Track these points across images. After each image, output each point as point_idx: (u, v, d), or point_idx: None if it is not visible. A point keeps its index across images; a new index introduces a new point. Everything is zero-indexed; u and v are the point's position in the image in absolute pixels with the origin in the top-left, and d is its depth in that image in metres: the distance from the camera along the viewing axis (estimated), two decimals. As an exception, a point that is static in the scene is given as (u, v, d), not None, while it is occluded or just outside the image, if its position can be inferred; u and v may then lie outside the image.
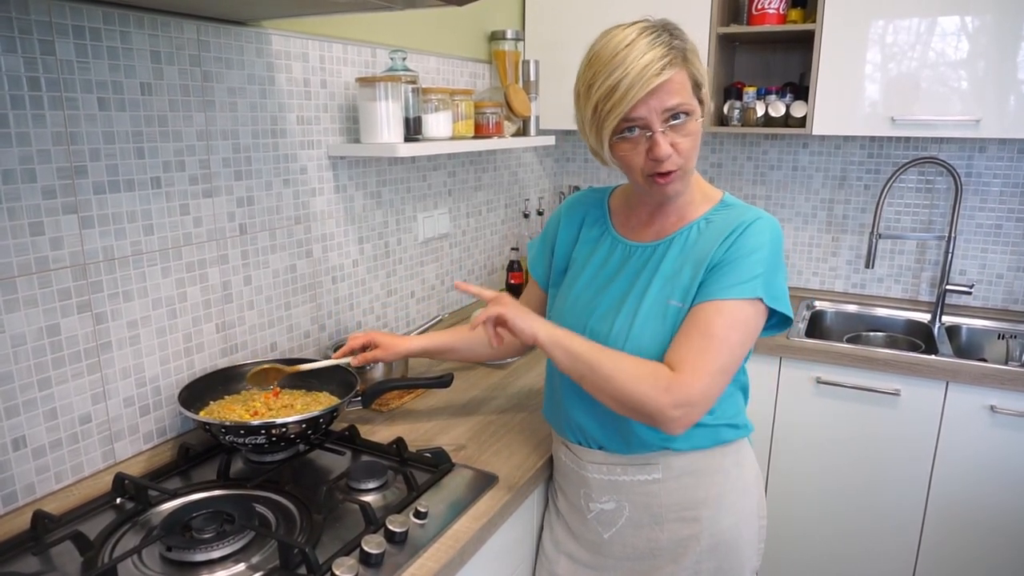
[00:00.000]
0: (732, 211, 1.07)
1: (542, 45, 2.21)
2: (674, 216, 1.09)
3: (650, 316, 1.04)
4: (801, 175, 2.35)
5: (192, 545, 0.94)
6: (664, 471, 1.10)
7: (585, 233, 1.19)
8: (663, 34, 0.97)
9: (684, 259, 1.05)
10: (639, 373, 0.97)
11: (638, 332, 1.04)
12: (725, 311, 0.99)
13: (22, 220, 1.02)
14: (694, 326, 0.99)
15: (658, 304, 1.04)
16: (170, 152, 1.21)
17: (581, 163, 2.67)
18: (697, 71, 1.00)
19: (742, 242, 1.01)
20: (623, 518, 1.14)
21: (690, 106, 0.98)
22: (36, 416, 1.07)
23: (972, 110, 1.82)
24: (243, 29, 1.31)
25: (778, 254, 1.03)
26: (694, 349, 0.98)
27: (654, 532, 1.13)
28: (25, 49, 1.00)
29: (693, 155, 1.01)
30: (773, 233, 1.02)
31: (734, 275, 0.99)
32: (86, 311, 1.11)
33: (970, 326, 2.10)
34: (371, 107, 1.46)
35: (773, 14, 2.03)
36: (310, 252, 1.54)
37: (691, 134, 1.00)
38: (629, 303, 1.06)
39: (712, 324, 0.98)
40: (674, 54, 0.96)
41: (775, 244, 1.02)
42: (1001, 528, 1.77)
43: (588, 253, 1.16)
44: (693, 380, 0.95)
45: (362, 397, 1.30)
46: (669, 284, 1.04)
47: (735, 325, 0.99)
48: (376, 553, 0.93)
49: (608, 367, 0.98)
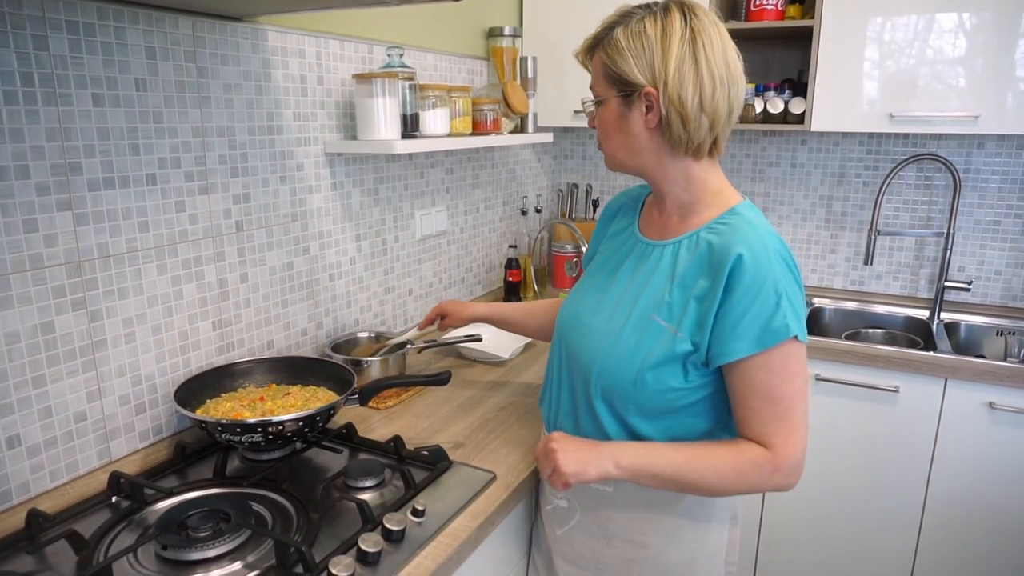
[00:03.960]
0: (729, 229, 0.97)
1: (540, 42, 2.21)
2: (676, 215, 1.04)
3: (636, 327, 1.00)
4: (800, 172, 2.35)
5: (188, 544, 0.94)
6: (616, 486, 1.06)
7: (616, 224, 1.18)
8: (625, 19, 0.98)
9: (675, 275, 1.00)
10: (741, 469, 0.94)
11: (625, 340, 1.00)
12: (773, 368, 0.93)
13: (15, 217, 1.01)
14: (756, 396, 0.94)
15: (644, 316, 1.00)
16: (165, 149, 1.20)
17: (579, 160, 2.66)
18: (611, 60, 0.97)
19: (738, 287, 0.92)
20: (574, 520, 1.12)
21: (597, 93, 1.02)
22: (31, 414, 1.06)
23: (970, 106, 1.81)
24: (239, 25, 1.30)
25: (784, 274, 0.93)
26: (772, 419, 0.94)
27: (600, 545, 1.09)
28: (18, 44, 0.99)
29: (605, 139, 1.03)
30: (769, 259, 0.92)
31: (752, 326, 0.91)
32: (81, 308, 1.11)
33: (969, 323, 2.10)
34: (368, 104, 1.46)
35: (771, 10, 2.02)
36: (307, 249, 1.53)
37: (601, 118, 1.02)
38: (622, 308, 1.03)
39: (772, 388, 0.93)
40: (595, 43, 1.01)
41: (779, 271, 0.93)
42: (1000, 524, 1.77)
43: (610, 247, 1.15)
44: (788, 450, 0.94)
45: (359, 394, 1.29)
46: (657, 297, 1.00)
47: (791, 374, 0.93)
48: (373, 552, 0.93)
49: (709, 476, 0.95)
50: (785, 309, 0.91)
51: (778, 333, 0.91)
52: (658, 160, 1.00)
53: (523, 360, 1.73)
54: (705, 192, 1.02)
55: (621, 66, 0.96)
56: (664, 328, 0.98)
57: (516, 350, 1.73)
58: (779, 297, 0.91)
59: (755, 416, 0.95)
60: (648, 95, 0.95)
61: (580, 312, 1.10)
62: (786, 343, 0.92)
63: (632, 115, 0.98)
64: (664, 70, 0.93)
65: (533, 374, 1.63)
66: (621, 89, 0.97)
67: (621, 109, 0.99)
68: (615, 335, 1.02)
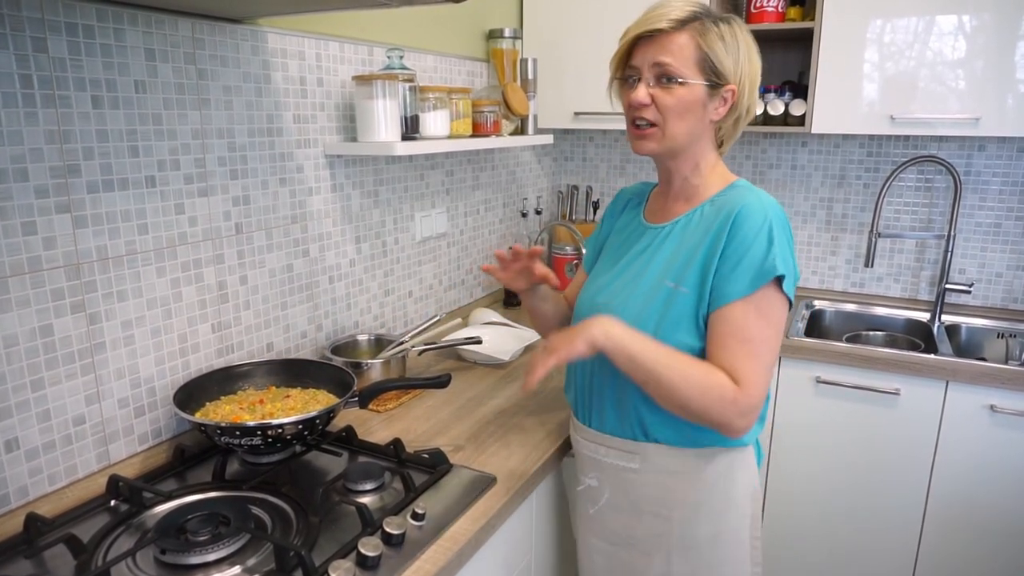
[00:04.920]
0: (732, 194, 1.07)
1: (540, 43, 2.21)
2: (683, 199, 1.13)
3: (643, 295, 1.08)
4: (800, 174, 2.34)
5: (187, 548, 0.93)
6: (642, 462, 1.12)
7: (623, 218, 1.25)
8: (708, 15, 1.04)
9: (682, 242, 1.08)
10: (706, 386, 0.99)
11: (638, 306, 1.07)
12: (753, 312, 1.00)
13: (14, 219, 1.01)
14: (730, 333, 1.00)
15: (655, 284, 1.07)
16: (164, 151, 1.20)
17: (579, 162, 2.66)
18: (711, 49, 1.02)
19: (740, 236, 1.01)
20: (604, 498, 1.18)
21: (681, 72, 1.03)
22: (29, 417, 1.06)
23: (971, 108, 1.81)
24: (238, 27, 1.30)
25: (780, 225, 1.01)
26: (741, 356, 0.99)
27: (631, 520, 1.16)
28: (17, 46, 0.98)
29: (674, 119, 1.05)
30: (766, 212, 1.01)
31: (748, 270, 1.00)
32: (80, 311, 1.10)
33: (969, 325, 2.09)
34: (368, 105, 1.45)
35: (772, 12, 2.02)
36: (307, 252, 1.53)
37: (677, 97, 1.03)
38: (630, 281, 1.12)
39: (747, 327, 1.00)
40: (693, 21, 1.03)
41: (774, 221, 1.01)
42: (1001, 527, 1.77)
43: (619, 238, 1.22)
44: (752, 389, 0.99)
45: (359, 397, 1.29)
46: (667, 265, 1.08)
47: (768, 321, 1.01)
48: (373, 556, 0.92)
49: (676, 379, 0.99)
50: (775, 253, 0.99)
51: (767, 273, 0.99)
52: (700, 147, 1.10)
53: (523, 362, 1.72)
54: (713, 176, 1.12)
55: (722, 58, 1.03)
56: (673, 289, 1.05)
57: (516, 352, 1.73)
58: (771, 243, 0.99)
59: (726, 352, 1.00)
60: (731, 91, 1.05)
61: (595, 296, 1.16)
62: (770, 289, 1.00)
63: (710, 104, 1.06)
64: (750, 73, 1.06)
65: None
66: (710, 78, 1.04)
67: (704, 96, 1.04)
68: (630, 303, 1.09)
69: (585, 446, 1.19)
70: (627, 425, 1.12)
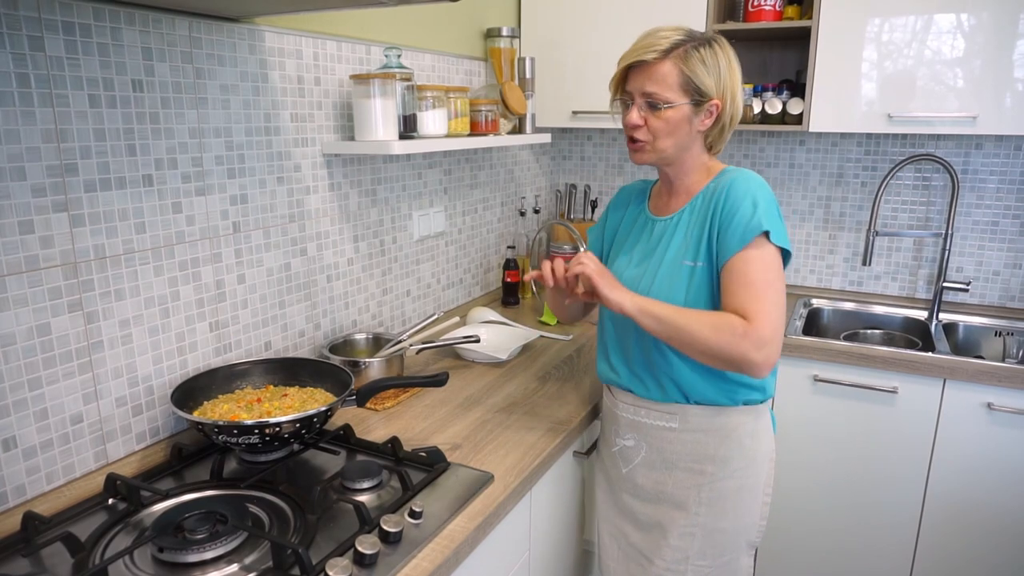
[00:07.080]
0: (722, 178, 1.21)
1: (538, 42, 2.21)
2: (683, 193, 1.27)
3: (666, 276, 1.21)
4: (798, 172, 2.35)
5: (184, 546, 0.93)
6: (681, 422, 1.26)
7: (629, 214, 1.37)
8: (690, 40, 1.16)
9: (692, 225, 1.22)
10: (717, 324, 1.10)
11: (656, 291, 1.20)
12: (750, 259, 1.12)
13: (11, 218, 1.01)
14: (734, 281, 1.13)
15: (674, 266, 1.21)
16: (162, 150, 1.20)
17: (577, 161, 2.66)
18: (693, 73, 1.15)
19: (729, 203, 1.15)
20: (639, 456, 1.31)
21: (666, 98, 1.16)
22: (27, 416, 1.06)
23: (969, 107, 1.81)
24: (235, 26, 1.30)
25: (762, 192, 1.15)
26: (746, 298, 1.11)
27: (663, 476, 1.28)
28: (14, 45, 0.98)
29: (664, 137, 1.19)
30: (748, 181, 1.16)
31: (737, 228, 1.13)
32: (77, 310, 1.10)
33: (967, 323, 2.10)
34: (365, 104, 1.45)
35: (769, 11, 2.02)
36: (304, 251, 1.53)
37: (664, 119, 1.17)
38: (650, 267, 1.25)
39: (747, 273, 1.12)
40: (677, 48, 1.15)
41: (757, 190, 1.15)
42: (998, 524, 1.77)
43: (628, 230, 1.35)
44: (760, 321, 1.09)
45: (357, 396, 1.29)
46: (682, 247, 1.22)
47: (766, 266, 1.12)
48: (370, 553, 0.92)
49: (692, 327, 1.12)
50: (761, 213, 1.12)
51: (755, 229, 1.12)
52: (691, 154, 1.23)
53: (521, 361, 1.72)
54: (705, 172, 1.26)
55: (703, 79, 1.15)
56: (692, 267, 1.19)
57: (514, 351, 1.73)
58: (755, 207, 1.13)
59: (734, 297, 1.13)
60: (715, 105, 1.18)
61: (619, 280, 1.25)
62: (762, 243, 1.12)
63: (695, 119, 1.19)
64: (731, 87, 1.18)
65: (531, 375, 1.63)
66: (694, 97, 1.16)
67: (689, 113, 1.18)
68: (655, 287, 1.21)
69: (625, 409, 1.32)
70: (669, 392, 1.25)
